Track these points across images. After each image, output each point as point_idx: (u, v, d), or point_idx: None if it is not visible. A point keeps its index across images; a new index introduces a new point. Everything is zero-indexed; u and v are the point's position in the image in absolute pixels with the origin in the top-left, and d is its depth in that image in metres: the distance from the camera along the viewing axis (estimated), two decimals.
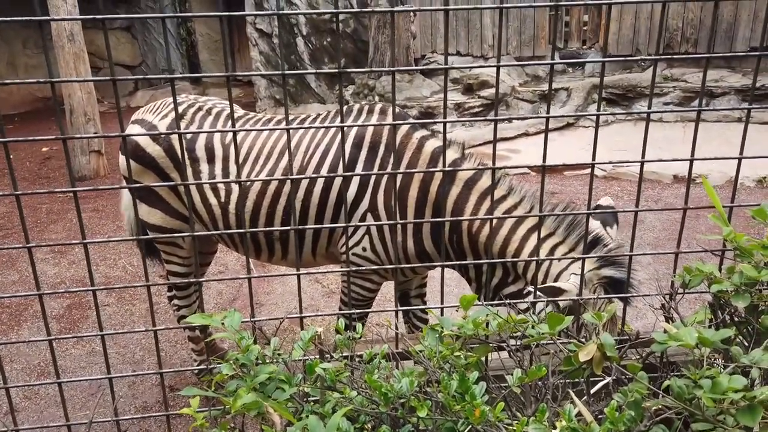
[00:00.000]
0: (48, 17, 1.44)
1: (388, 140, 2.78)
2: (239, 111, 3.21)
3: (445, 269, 2.64)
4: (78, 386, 3.72)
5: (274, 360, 1.32)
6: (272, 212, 2.92)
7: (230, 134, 2.99)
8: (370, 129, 2.84)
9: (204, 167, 2.98)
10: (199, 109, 3.10)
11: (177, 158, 2.96)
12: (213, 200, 2.98)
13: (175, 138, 2.94)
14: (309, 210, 2.87)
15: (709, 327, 1.54)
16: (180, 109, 3.06)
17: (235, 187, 2.93)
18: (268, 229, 1.53)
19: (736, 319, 1.58)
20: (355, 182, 2.78)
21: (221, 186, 2.94)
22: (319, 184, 2.84)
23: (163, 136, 2.95)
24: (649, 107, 1.71)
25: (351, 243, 2.84)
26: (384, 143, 2.80)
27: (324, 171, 2.85)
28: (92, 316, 4.61)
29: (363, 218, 2.79)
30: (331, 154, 2.86)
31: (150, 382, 3.77)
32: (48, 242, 5.97)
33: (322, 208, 2.84)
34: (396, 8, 1.55)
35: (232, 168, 2.95)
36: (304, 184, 2.85)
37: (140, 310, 4.70)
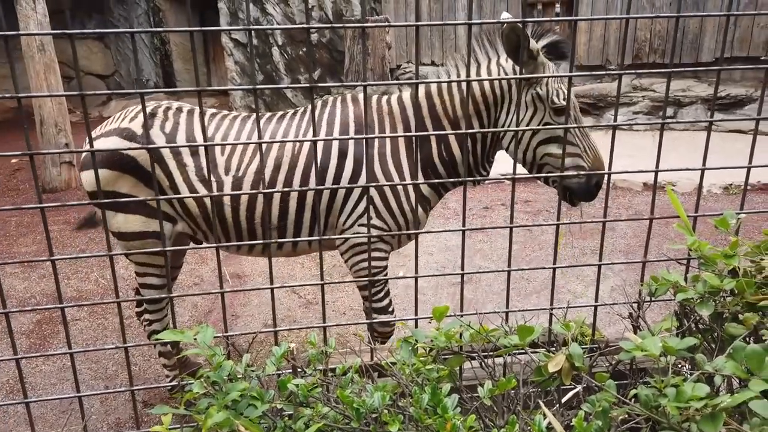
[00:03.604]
0: (14, 32, 1.43)
1: (369, 120, 2.91)
2: (211, 110, 3.20)
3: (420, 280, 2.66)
4: (49, 403, 3.64)
5: (247, 376, 1.31)
6: (269, 200, 2.94)
7: (213, 125, 3.05)
8: (352, 115, 2.98)
9: (188, 160, 2.95)
10: (169, 107, 3.08)
11: (158, 152, 2.92)
12: (204, 192, 2.94)
13: (153, 134, 2.92)
14: (306, 197, 2.93)
15: (676, 335, 1.58)
16: (149, 108, 3.03)
17: (228, 178, 2.93)
18: (248, 237, 1.53)
19: (701, 326, 1.62)
20: (350, 161, 2.89)
21: (211, 177, 2.92)
22: (314, 170, 2.89)
23: (141, 133, 2.91)
24: (615, 120, 1.76)
25: (354, 217, 2.93)
26: (365, 123, 2.88)
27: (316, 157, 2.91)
28: (63, 331, 4.52)
29: (363, 191, 2.89)
30: (320, 142, 2.91)
31: (123, 398, 3.70)
32: (18, 256, 5.84)
33: (318, 193, 2.88)
34: (367, 24, 1.58)
35: (220, 160, 2.95)
36: (300, 171, 2.91)
37: (113, 324, 4.61)
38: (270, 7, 10.33)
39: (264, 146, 2.96)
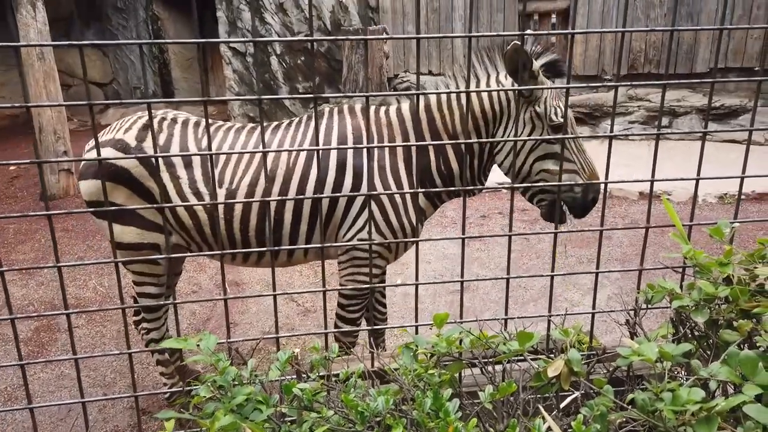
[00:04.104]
0: (22, 43, 1.46)
1: (369, 133, 2.93)
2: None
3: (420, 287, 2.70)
4: (46, 411, 3.64)
5: (251, 381, 1.33)
6: (263, 212, 2.95)
7: (206, 138, 3.02)
8: (350, 127, 2.98)
9: (182, 172, 2.96)
10: (164, 118, 3.10)
11: (151, 165, 2.93)
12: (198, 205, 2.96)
13: (146, 146, 2.93)
14: (302, 208, 2.92)
15: (672, 341, 1.61)
16: (144, 120, 3.04)
17: (221, 191, 2.94)
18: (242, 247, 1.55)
19: (696, 333, 1.65)
20: (349, 174, 2.89)
21: (204, 191, 2.93)
22: (311, 182, 2.90)
23: (134, 145, 2.93)
24: (611, 130, 1.80)
25: (354, 230, 2.93)
26: (366, 135, 2.90)
27: (312, 170, 2.92)
28: (61, 339, 4.52)
29: (364, 205, 2.89)
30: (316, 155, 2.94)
31: (122, 405, 3.71)
32: (16, 263, 5.84)
33: (315, 204, 2.89)
34: (369, 36, 1.61)
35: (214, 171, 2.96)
36: (295, 184, 2.90)
37: (111, 331, 4.62)
38: (268, 16, 10.40)
39: (257, 158, 2.96)
